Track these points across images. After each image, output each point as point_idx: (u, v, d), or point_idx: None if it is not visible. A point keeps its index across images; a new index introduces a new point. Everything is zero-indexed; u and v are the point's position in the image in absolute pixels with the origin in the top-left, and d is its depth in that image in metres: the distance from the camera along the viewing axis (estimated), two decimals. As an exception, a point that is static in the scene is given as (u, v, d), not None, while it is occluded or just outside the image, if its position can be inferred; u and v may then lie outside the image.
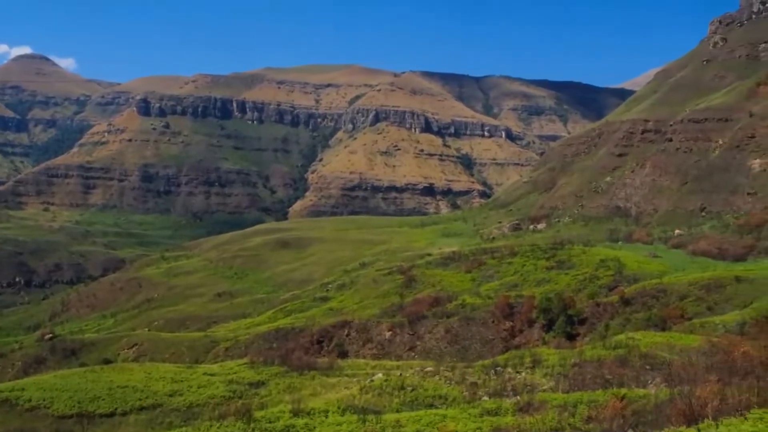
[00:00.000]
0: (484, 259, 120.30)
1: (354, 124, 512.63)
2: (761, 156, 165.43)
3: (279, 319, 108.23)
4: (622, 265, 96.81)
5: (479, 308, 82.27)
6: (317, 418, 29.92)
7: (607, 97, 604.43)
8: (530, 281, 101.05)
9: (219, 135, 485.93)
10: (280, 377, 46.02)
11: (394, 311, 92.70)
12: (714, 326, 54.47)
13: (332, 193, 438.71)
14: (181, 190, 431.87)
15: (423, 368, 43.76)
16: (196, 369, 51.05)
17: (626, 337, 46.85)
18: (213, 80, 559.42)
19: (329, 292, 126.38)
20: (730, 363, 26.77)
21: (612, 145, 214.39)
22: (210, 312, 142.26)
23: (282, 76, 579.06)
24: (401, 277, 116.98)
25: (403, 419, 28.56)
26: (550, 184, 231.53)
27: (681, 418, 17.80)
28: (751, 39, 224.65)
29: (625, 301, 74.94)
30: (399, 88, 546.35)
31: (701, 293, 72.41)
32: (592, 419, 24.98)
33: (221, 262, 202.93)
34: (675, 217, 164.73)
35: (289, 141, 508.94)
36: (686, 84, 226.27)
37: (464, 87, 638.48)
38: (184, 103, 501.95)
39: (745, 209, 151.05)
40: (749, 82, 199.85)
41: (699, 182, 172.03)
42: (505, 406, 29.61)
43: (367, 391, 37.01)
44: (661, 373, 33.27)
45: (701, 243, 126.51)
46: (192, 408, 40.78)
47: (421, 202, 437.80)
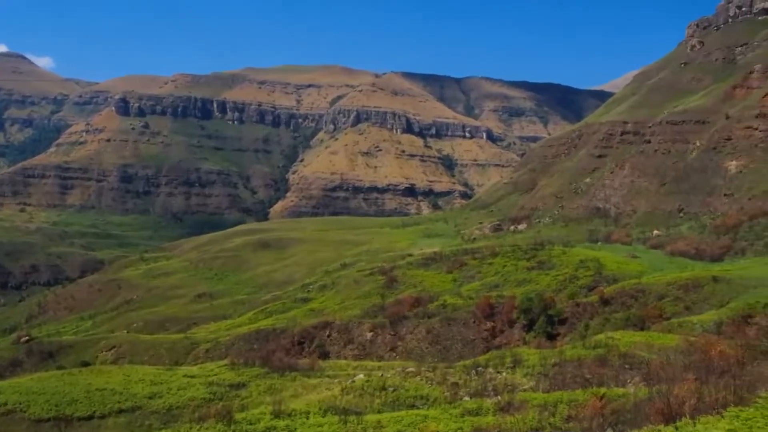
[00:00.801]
0: (465, 259, 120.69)
1: (335, 125, 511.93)
2: (737, 158, 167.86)
3: (260, 320, 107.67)
4: (601, 266, 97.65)
5: (460, 309, 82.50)
6: (298, 420, 29.82)
7: (587, 99, 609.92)
8: (511, 282, 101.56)
9: (199, 135, 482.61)
10: (260, 379, 45.78)
11: (375, 312, 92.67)
12: (692, 326, 55.11)
13: (313, 194, 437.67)
14: (161, 191, 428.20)
15: (404, 369, 43.78)
16: (175, 371, 50.61)
17: (606, 336, 47.26)
18: (193, 80, 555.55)
19: (310, 293, 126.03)
20: (708, 362, 27.10)
21: (591, 147, 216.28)
22: (190, 313, 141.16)
23: (263, 77, 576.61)
24: (382, 278, 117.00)
25: (384, 420, 28.55)
26: (530, 185, 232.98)
27: (659, 417, 17.99)
28: (728, 42, 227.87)
29: (604, 301, 75.58)
30: (380, 89, 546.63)
31: (679, 293, 73.23)
32: (572, 418, 25.16)
33: (201, 263, 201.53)
34: (653, 217, 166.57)
35: (270, 141, 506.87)
36: (664, 86, 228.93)
37: (445, 88, 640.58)
38: (163, 103, 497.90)
39: (722, 210, 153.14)
40: (725, 84, 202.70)
41: (677, 183, 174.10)
42: (485, 406, 29.72)
43: (349, 392, 36.95)
44: (639, 372, 33.60)
45: (679, 243, 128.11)
46: (172, 410, 40.43)
47: (402, 202, 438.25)
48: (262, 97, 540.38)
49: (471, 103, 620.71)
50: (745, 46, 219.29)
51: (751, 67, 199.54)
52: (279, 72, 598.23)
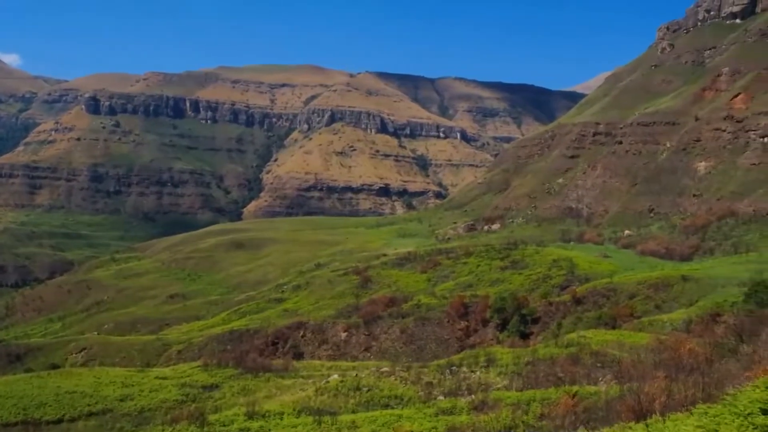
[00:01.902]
0: (439, 259, 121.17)
1: (309, 125, 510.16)
2: (706, 159, 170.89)
3: (233, 320, 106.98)
4: (573, 265, 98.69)
5: (434, 308, 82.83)
6: (272, 421, 29.67)
7: (560, 100, 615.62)
8: (485, 281, 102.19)
9: (171, 134, 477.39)
10: (234, 380, 45.45)
11: (349, 312, 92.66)
12: (662, 324, 55.95)
13: (287, 194, 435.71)
14: (132, 191, 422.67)
15: (379, 369, 43.79)
16: (147, 373, 50.02)
17: (578, 335, 47.79)
18: (165, 78, 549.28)
19: (284, 294, 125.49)
20: (677, 360, 27.52)
21: (564, 147, 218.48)
22: (162, 314, 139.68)
23: (236, 76, 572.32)
24: (357, 278, 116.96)
25: (358, 420, 28.53)
26: (504, 185, 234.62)
27: (630, 414, 18.21)
28: (697, 45, 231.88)
29: (576, 300, 76.42)
30: (355, 89, 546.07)
31: (650, 292, 74.32)
32: (545, 417, 25.38)
33: (174, 263, 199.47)
34: (625, 217, 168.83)
35: (243, 141, 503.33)
36: (635, 88, 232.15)
37: (420, 88, 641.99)
38: (135, 102, 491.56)
39: (691, 210, 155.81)
40: (695, 87, 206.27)
41: (647, 184, 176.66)
42: (460, 405, 29.85)
43: (323, 392, 36.86)
44: (611, 370, 33.99)
45: (650, 243, 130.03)
46: (143, 413, 39.93)
47: (376, 202, 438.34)
48: (235, 97, 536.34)
49: (445, 103, 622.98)
50: (714, 50, 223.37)
51: (719, 70, 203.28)
52: (253, 71, 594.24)
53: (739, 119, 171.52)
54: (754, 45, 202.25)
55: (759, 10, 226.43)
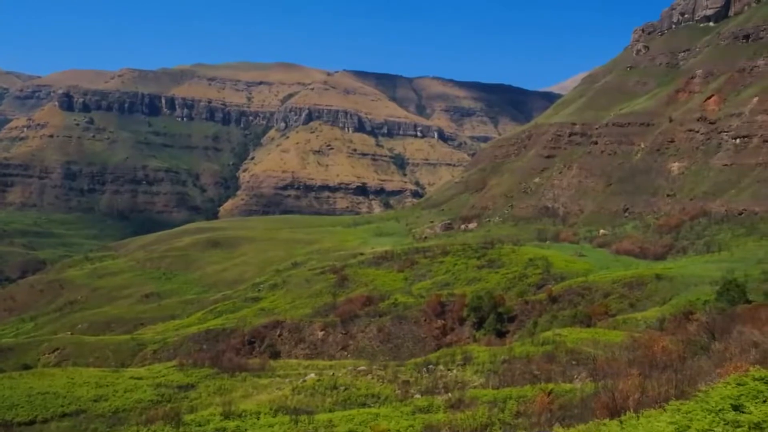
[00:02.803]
0: (416, 258, 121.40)
1: (286, 123, 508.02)
2: (679, 159, 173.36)
3: (209, 320, 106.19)
4: (549, 264, 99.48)
5: (411, 307, 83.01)
6: (249, 420, 29.52)
7: (536, 100, 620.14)
8: (461, 280, 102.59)
9: (146, 132, 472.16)
10: (210, 379, 45.13)
11: (326, 311, 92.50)
12: (636, 322, 56.67)
13: (264, 193, 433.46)
14: (106, 189, 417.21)
15: (356, 367, 43.78)
16: (122, 373, 49.46)
17: (553, 333, 48.22)
18: (140, 75, 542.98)
19: (261, 293, 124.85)
20: (651, 357, 27.86)
21: (540, 147, 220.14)
22: (137, 314, 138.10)
23: (213, 73, 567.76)
24: (334, 277, 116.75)
25: (335, 419, 28.49)
26: (481, 184, 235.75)
27: (605, 411, 18.41)
28: (671, 48, 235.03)
29: (552, 298, 77.10)
30: (332, 87, 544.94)
31: (624, 291, 75.23)
32: (521, 414, 25.56)
33: (149, 262, 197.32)
34: (600, 217, 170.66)
35: (220, 139, 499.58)
36: (611, 89, 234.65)
37: (398, 87, 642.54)
38: (109, 99, 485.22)
39: (665, 210, 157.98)
40: (669, 88, 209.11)
41: (622, 184, 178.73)
42: (436, 403, 29.96)
43: (300, 391, 36.75)
44: (586, 367, 34.32)
45: (624, 242, 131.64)
46: (118, 413, 39.46)
47: (353, 201, 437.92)
48: (212, 94, 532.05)
49: (423, 102, 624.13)
50: (688, 52, 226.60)
51: (693, 72, 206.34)
52: (229, 69, 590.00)
53: (711, 120, 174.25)
54: (727, 48, 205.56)
55: (732, 13, 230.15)
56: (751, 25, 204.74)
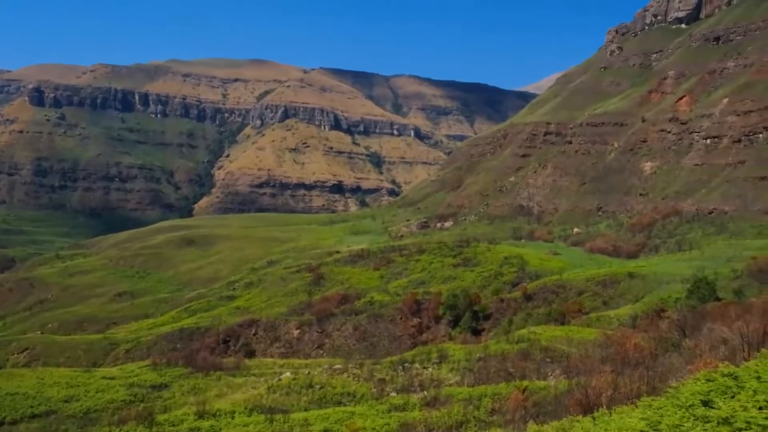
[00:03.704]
0: (392, 256, 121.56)
1: (262, 120, 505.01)
2: (652, 159, 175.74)
3: (183, 319, 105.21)
4: (524, 263, 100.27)
5: (387, 305, 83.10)
6: (223, 420, 29.33)
7: (512, 100, 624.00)
8: (437, 278, 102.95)
9: (120, 128, 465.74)
10: (184, 379, 44.74)
11: (302, 309, 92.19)
12: (609, 320, 57.38)
13: (239, 190, 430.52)
14: (78, 186, 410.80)
15: (331, 366, 43.72)
16: (93, 373, 48.80)
17: (528, 331, 48.63)
18: (113, 71, 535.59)
19: (236, 291, 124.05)
20: (623, 354, 28.21)
21: (516, 147, 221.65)
22: (109, 313, 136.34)
23: (188, 69, 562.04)
24: (310, 275, 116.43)
25: (311, 418, 28.43)
26: (456, 183, 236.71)
27: (578, 408, 18.61)
28: (644, 49, 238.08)
29: (527, 296, 77.73)
30: (309, 85, 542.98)
31: (597, 289, 76.12)
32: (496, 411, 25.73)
33: (122, 260, 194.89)
34: (574, 216, 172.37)
35: (194, 136, 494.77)
36: (585, 89, 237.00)
37: (374, 86, 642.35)
38: (81, 94, 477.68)
39: (638, 209, 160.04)
40: (642, 89, 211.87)
41: (596, 183, 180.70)
42: (412, 401, 30.03)
43: (275, 390, 36.61)
44: (560, 365, 34.66)
45: (598, 241, 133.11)
46: (89, 414, 38.92)
47: (330, 199, 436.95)
48: (186, 91, 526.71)
49: (399, 101, 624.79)
50: (660, 53, 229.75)
51: (665, 73, 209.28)
52: (205, 65, 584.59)
53: (683, 121, 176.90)
54: (698, 49, 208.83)
55: (703, 15, 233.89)
56: (721, 28, 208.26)
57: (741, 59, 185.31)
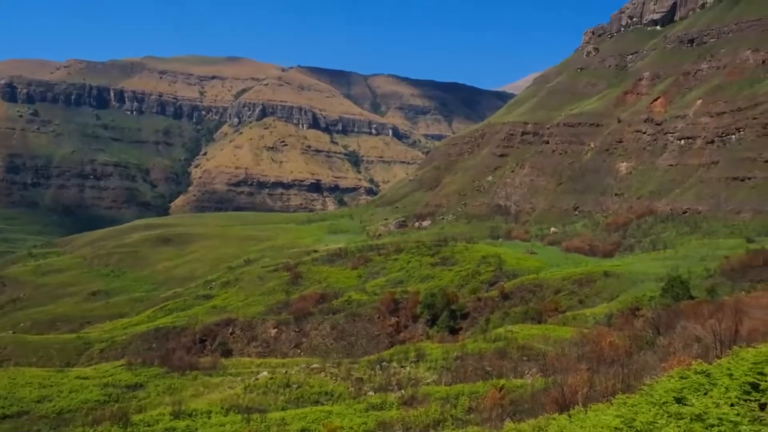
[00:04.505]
0: (370, 255, 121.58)
1: (240, 118, 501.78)
2: (627, 159, 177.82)
3: (159, 318, 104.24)
4: (502, 262, 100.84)
5: (365, 304, 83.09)
6: (199, 420, 29.12)
7: (490, 100, 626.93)
8: (415, 277, 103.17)
9: (94, 125, 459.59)
10: (159, 379, 44.33)
11: (279, 308, 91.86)
12: (585, 318, 57.94)
13: (216, 189, 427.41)
14: (51, 183, 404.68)
15: (309, 365, 43.62)
16: (67, 373, 48.16)
17: (505, 330, 48.93)
18: (88, 67, 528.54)
19: (212, 290, 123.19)
20: (599, 352, 28.52)
21: (494, 146, 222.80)
22: (83, 312, 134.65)
23: (164, 66, 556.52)
24: (287, 274, 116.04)
25: (288, 417, 28.33)
26: (435, 182, 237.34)
27: (554, 406, 18.77)
28: (620, 50, 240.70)
29: (504, 295, 78.19)
30: (287, 83, 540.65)
31: (574, 287, 76.82)
32: (473, 410, 25.85)
33: (96, 259, 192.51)
34: (551, 215, 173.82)
35: (171, 134, 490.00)
36: (562, 90, 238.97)
37: (352, 85, 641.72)
38: (55, 90, 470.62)
39: (613, 209, 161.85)
40: (618, 90, 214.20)
41: (572, 183, 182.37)
42: (389, 400, 30.05)
43: (252, 390, 36.43)
44: (537, 363, 34.91)
45: (574, 240, 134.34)
46: (62, 414, 38.40)
47: (307, 198, 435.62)
48: (163, 88, 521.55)
49: (377, 100, 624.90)
50: (636, 54, 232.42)
51: (641, 74, 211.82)
52: (181, 62, 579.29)
53: (658, 122, 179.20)
54: (673, 51, 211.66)
55: (677, 18, 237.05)
56: (695, 30, 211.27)
57: (714, 61, 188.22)
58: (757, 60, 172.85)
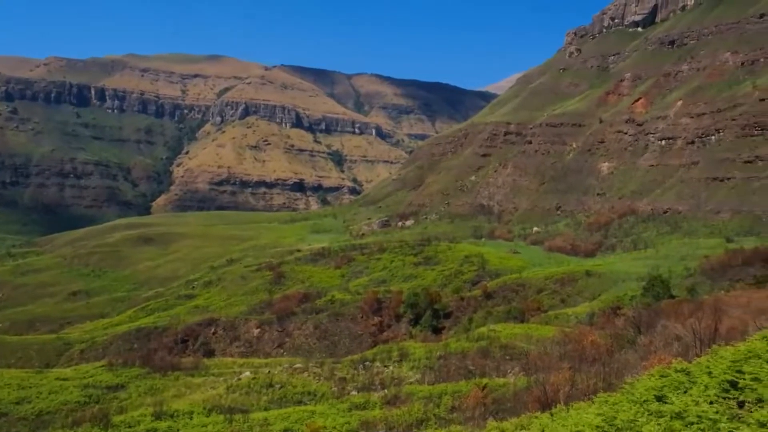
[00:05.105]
0: (353, 255, 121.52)
1: (222, 117, 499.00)
2: (609, 159, 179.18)
3: (140, 318, 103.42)
4: (485, 261, 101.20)
5: (348, 304, 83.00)
6: (181, 420, 28.92)
7: (473, 100, 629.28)
8: (398, 277, 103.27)
9: (75, 123, 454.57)
10: (141, 379, 43.96)
11: (262, 308, 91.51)
12: (567, 317, 58.31)
13: (199, 188, 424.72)
14: (31, 182, 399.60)
15: (292, 365, 43.49)
16: (46, 374, 47.61)
17: (488, 329, 49.11)
18: (68, 64, 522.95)
19: (195, 290, 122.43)
20: (581, 351, 28.71)
21: (477, 146, 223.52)
22: (63, 312, 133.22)
23: (146, 64, 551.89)
24: (270, 274, 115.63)
25: (271, 417, 28.23)
26: (418, 182, 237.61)
27: (536, 404, 18.87)
28: (602, 51, 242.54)
29: (487, 295, 78.48)
30: (270, 82, 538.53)
31: (556, 287, 77.28)
32: (456, 409, 25.92)
33: (76, 259, 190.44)
34: (533, 215, 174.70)
35: (153, 132, 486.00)
36: (544, 90, 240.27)
37: (336, 84, 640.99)
38: (34, 88, 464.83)
39: (595, 209, 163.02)
40: (599, 90, 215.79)
41: (555, 183, 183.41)
42: (373, 399, 30.04)
43: (234, 390, 36.25)
44: (519, 362, 35.06)
45: (557, 240, 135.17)
46: (42, 416, 37.94)
47: (291, 197, 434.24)
48: (144, 86, 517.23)
49: (361, 99, 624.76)
50: (617, 56, 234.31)
51: (622, 75, 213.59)
52: (163, 60, 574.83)
53: (639, 122, 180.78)
54: (654, 52, 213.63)
55: (659, 19, 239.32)
56: (676, 32, 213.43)
57: (694, 63, 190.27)
58: (736, 62, 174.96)
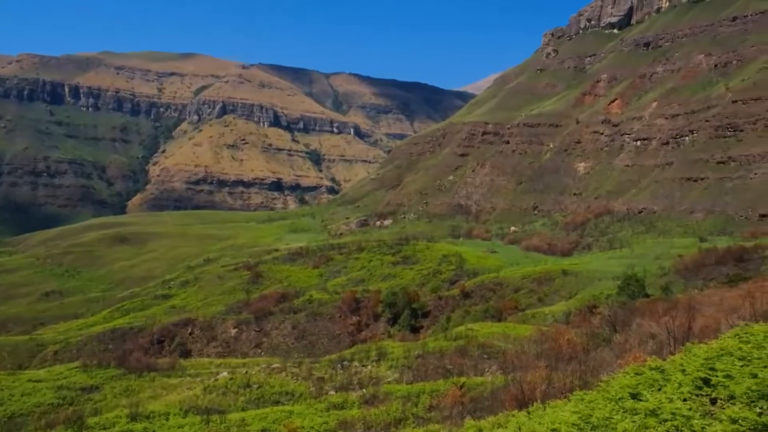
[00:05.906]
0: (331, 254, 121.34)
1: (199, 116, 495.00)
2: (585, 160, 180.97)
3: (115, 318, 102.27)
4: (463, 260, 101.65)
5: (326, 304, 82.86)
6: (157, 422, 28.65)
7: (451, 99, 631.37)
8: (376, 276, 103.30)
9: (48, 121, 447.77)
10: (116, 380, 43.45)
11: (240, 308, 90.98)
12: (544, 316, 58.77)
13: (175, 187, 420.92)
14: (3, 181, 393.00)
15: (269, 365, 43.31)
16: (19, 375, 46.85)
17: (466, 328, 49.31)
18: (41, 61, 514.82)
19: (171, 290, 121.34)
20: (557, 350, 28.94)
21: (455, 146, 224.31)
22: (36, 313, 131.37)
23: (121, 62, 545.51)
24: (248, 273, 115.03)
25: (248, 418, 28.07)
26: (396, 181, 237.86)
27: (513, 403, 18.98)
28: (578, 52, 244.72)
29: (465, 294, 78.83)
30: (247, 81, 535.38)
31: (533, 286, 77.86)
32: (434, 408, 25.98)
33: (50, 259, 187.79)
34: (511, 214, 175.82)
35: (128, 130, 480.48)
36: (522, 90, 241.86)
37: (314, 83, 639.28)
38: (6, 85, 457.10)
39: (572, 208, 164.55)
40: (576, 91, 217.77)
41: (532, 182, 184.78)
42: (351, 399, 30.01)
43: (211, 390, 35.99)
44: (496, 361, 35.26)
45: (534, 239, 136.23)
46: (14, 418, 37.34)
47: (268, 197, 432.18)
48: (120, 84, 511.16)
49: (339, 99, 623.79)
50: (594, 57, 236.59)
51: (598, 76, 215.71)
52: (140, 58, 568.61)
53: (615, 123, 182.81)
54: (629, 54, 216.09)
55: (634, 21, 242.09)
56: (651, 34, 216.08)
57: (669, 64, 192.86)
58: (709, 64, 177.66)
